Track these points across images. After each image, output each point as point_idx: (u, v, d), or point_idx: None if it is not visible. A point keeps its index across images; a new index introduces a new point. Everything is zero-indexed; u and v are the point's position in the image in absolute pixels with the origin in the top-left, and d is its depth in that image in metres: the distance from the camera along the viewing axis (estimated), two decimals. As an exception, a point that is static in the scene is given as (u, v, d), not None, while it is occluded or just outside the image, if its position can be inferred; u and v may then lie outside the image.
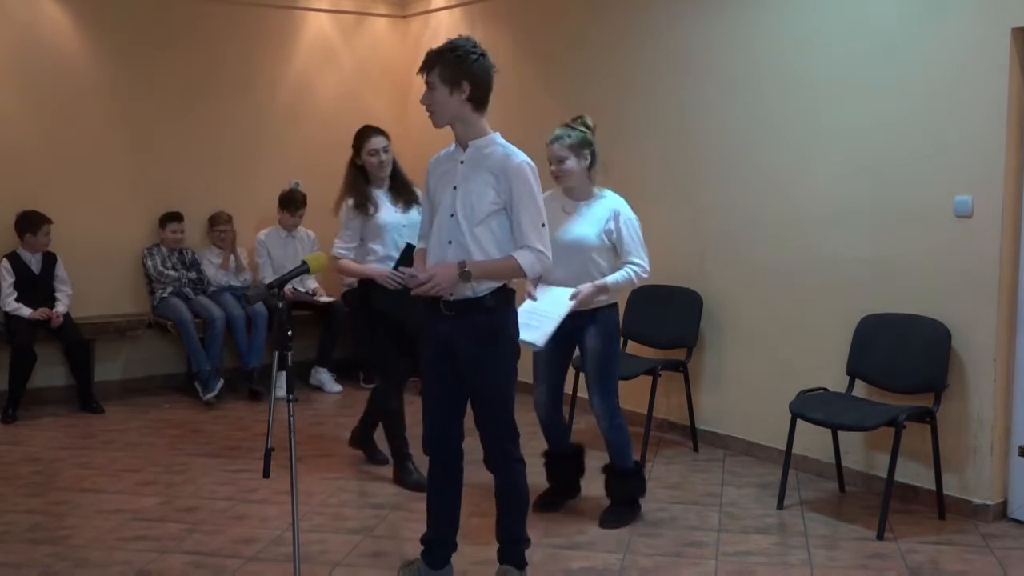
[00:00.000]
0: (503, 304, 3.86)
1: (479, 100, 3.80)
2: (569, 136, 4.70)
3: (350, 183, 5.49)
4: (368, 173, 5.49)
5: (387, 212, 5.43)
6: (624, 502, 4.94)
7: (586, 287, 4.64)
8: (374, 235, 5.38)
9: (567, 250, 4.62)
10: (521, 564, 4.08)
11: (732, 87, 5.98)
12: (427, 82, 3.91)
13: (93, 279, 7.51)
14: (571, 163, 4.70)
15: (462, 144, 3.89)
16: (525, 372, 4.45)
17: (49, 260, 7.28)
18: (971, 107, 4.90)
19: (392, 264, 5.24)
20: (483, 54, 3.80)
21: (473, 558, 4.49)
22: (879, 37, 5.26)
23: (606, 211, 4.74)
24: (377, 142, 5.47)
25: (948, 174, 5.00)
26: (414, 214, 5.34)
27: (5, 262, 7.15)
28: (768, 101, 5.80)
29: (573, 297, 4.60)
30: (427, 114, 3.93)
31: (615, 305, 4.88)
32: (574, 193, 4.80)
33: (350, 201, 5.41)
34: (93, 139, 7.61)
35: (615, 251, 4.77)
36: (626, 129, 6.34)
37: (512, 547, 4.09)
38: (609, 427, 4.86)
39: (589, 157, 4.73)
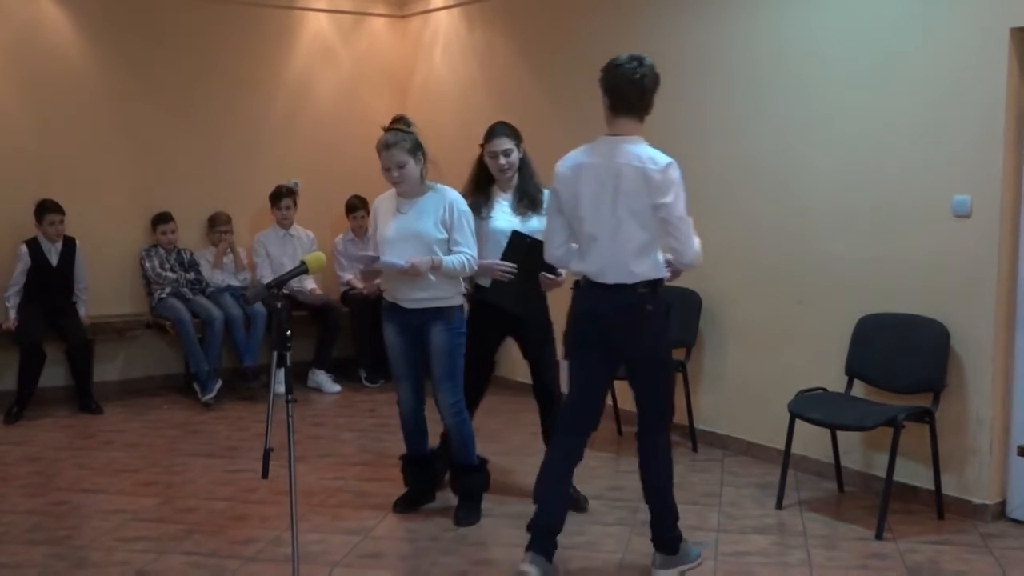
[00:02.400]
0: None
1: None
2: (405, 141, 4.75)
3: (472, 180, 5.14)
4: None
5: (501, 217, 5.03)
6: (470, 498, 5.01)
7: (422, 258, 4.67)
8: (482, 239, 4.95)
9: (407, 246, 4.71)
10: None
11: (732, 88, 5.98)
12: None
13: (92, 279, 7.49)
14: (411, 166, 4.75)
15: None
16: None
17: (68, 251, 7.27)
18: (970, 107, 4.90)
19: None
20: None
21: (472, 558, 4.49)
22: (879, 38, 5.26)
23: (441, 202, 4.80)
24: (498, 144, 4.98)
25: (947, 174, 5.00)
26: (533, 223, 4.94)
27: (24, 247, 7.15)
28: (768, 102, 5.80)
29: (402, 270, 4.66)
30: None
31: (461, 306, 4.94)
32: (409, 192, 4.85)
33: (468, 200, 5.01)
34: (92, 139, 7.61)
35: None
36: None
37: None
38: (455, 423, 4.91)
39: (422, 157, 4.80)
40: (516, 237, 4.83)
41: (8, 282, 7.14)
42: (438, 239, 4.77)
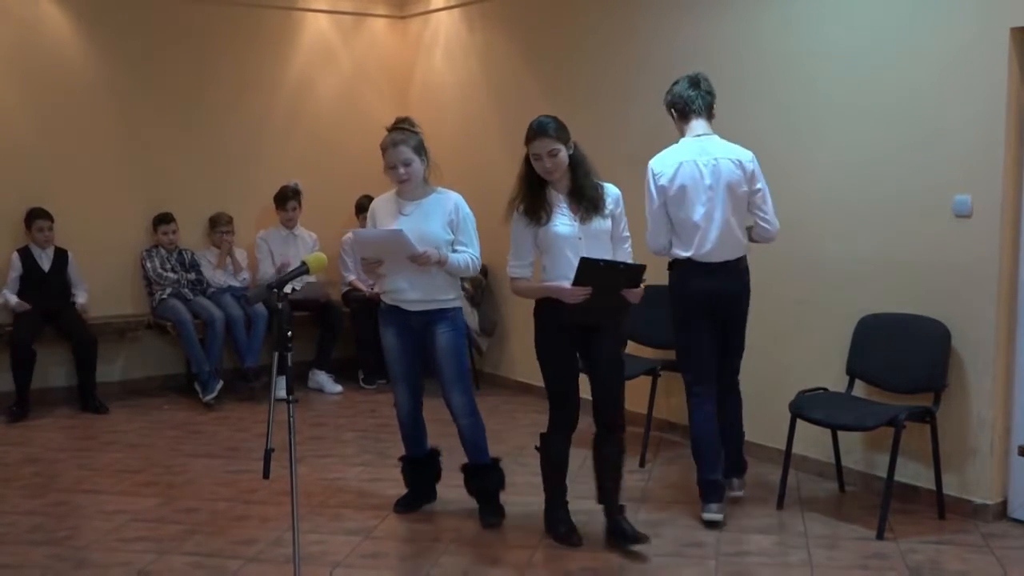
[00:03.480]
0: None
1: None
2: (410, 139, 4.78)
3: (522, 183, 4.60)
4: None
5: (561, 222, 4.53)
6: (489, 497, 4.97)
7: (432, 252, 4.65)
8: (544, 248, 4.56)
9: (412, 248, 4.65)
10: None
11: (731, 88, 5.96)
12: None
13: (92, 280, 7.52)
14: (416, 165, 4.77)
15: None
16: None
17: (60, 258, 7.31)
18: (970, 106, 4.90)
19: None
20: None
21: (474, 558, 4.49)
22: (879, 37, 5.26)
23: (447, 204, 4.82)
24: (540, 146, 4.47)
25: (947, 174, 5.00)
26: (595, 224, 4.54)
27: (15, 255, 7.21)
28: (768, 102, 5.80)
29: (413, 255, 4.62)
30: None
31: (460, 308, 4.96)
32: (410, 194, 4.85)
33: (520, 207, 4.56)
34: (93, 139, 7.62)
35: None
36: (626, 130, 6.34)
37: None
38: (469, 423, 4.89)
39: (426, 158, 4.83)
40: (586, 264, 4.32)
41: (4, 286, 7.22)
42: (445, 240, 4.78)
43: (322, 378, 7.92)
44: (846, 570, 4.37)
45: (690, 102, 4.93)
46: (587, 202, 4.52)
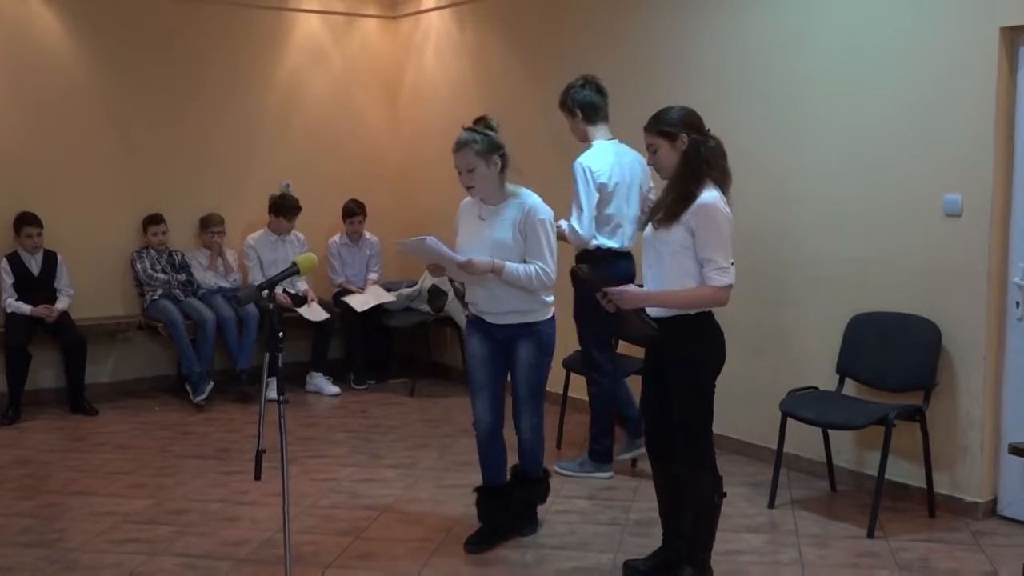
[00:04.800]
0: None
1: None
2: (476, 142, 4.42)
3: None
4: None
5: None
6: (531, 508, 4.80)
7: (481, 258, 4.40)
8: None
9: (484, 255, 4.42)
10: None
11: (723, 87, 5.98)
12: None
13: (83, 281, 7.49)
14: (482, 170, 4.42)
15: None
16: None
17: (50, 261, 7.29)
18: (960, 106, 4.91)
19: None
20: None
21: (465, 559, 4.49)
22: (869, 36, 5.27)
23: (517, 211, 4.46)
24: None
25: (937, 173, 5.01)
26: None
27: (4, 262, 7.19)
28: (759, 102, 5.81)
29: (459, 263, 4.40)
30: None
31: (552, 319, 4.64)
32: (489, 198, 4.52)
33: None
34: (82, 140, 7.59)
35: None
36: (618, 130, 6.32)
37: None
38: (531, 440, 4.67)
39: (499, 161, 4.44)
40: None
41: None
42: (513, 250, 4.44)
43: (319, 380, 7.90)
44: (837, 568, 4.38)
45: (599, 108, 5.53)
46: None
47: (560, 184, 5.47)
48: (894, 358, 5.10)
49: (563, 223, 5.34)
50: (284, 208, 7.98)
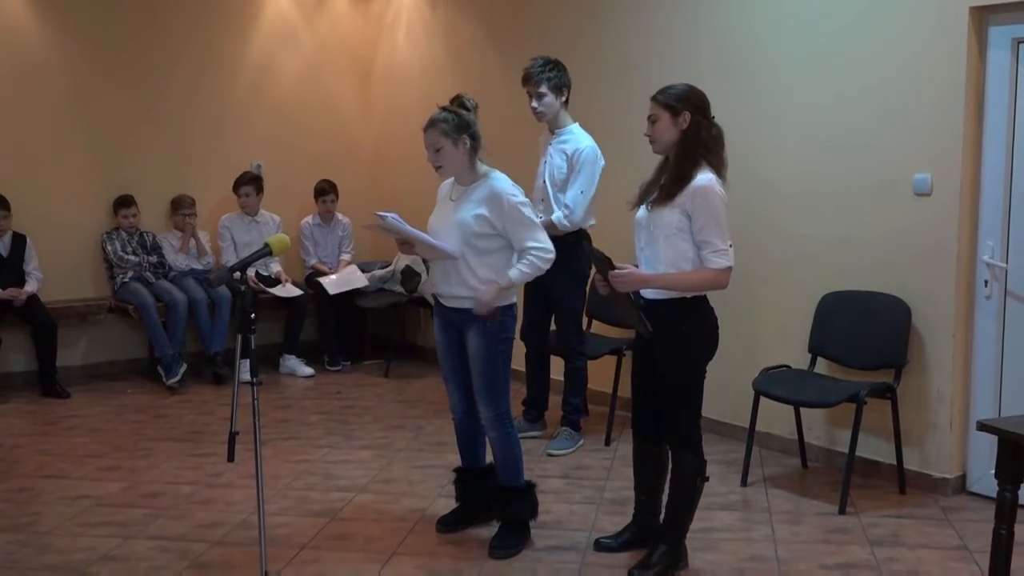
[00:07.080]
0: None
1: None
2: (445, 121, 4.26)
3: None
4: None
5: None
6: (512, 526, 4.44)
7: (488, 289, 4.21)
8: None
9: (449, 236, 4.26)
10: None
11: (697, 69, 5.97)
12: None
13: (53, 263, 7.42)
14: (448, 149, 4.25)
15: None
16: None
17: (18, 244, 7.22)
18: (930, 85, 4.94)
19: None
20: None
21: (441, 539, 4.51)
22: (839, 17, 5.29)
23: (485, 191, 4.27)
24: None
25: (907, 152, 5.05)
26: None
27: None
28: (729, 81, 5.81)
29: (477, 311, 4.22)
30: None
31: (511, 306, 4.36)
32: (459, 179, 4.37)
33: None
34: (50, 121, 7.51)
35: (501, 238, 4.28)
36: (594, 113, 6.32)
37: None
38: (497, 436, 4.38)
39: (468, 141, 4.27)
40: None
41: None
42: (476, 233, 4.23)
43: (292, 362, 7.88)
44: (809, 544, 4.43)
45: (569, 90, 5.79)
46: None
47: (529, 164, 5.47)
48: (865, 336, 5.14)
49: (545, 219, 5.44)
50: (236, 183, 7.93)
